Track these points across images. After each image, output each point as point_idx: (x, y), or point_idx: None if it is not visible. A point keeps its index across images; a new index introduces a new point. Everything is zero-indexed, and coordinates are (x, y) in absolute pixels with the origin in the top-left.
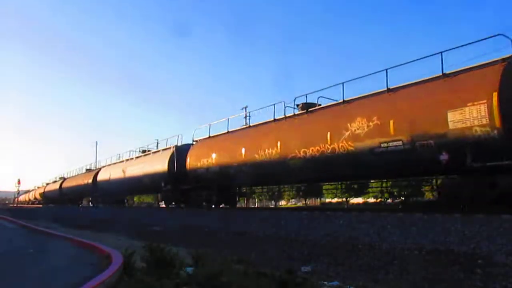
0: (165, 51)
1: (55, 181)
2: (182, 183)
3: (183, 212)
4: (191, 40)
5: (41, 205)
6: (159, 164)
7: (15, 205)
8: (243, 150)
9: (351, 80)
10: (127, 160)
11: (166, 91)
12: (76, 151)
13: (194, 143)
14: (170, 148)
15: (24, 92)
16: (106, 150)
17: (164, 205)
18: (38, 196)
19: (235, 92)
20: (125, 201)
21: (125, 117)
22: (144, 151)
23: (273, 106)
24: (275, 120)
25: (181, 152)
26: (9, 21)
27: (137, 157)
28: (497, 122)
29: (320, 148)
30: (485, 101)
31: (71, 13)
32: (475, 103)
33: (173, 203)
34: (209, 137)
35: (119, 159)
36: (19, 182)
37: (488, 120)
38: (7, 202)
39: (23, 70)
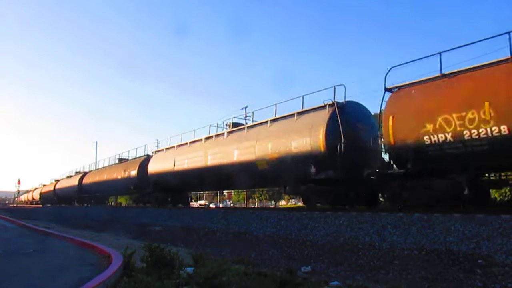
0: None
1: (69, 176)
2: (359, 166)
3: (183, 212)
4: (192, 37)
5: (41, 205)
6: (299, 138)
7: (15, 205)
8: None
9: None
10: (209, 138)
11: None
12: (76, 150)
13: (392, 92)
14: (322, 108)
15: (23, 93)
16: (107, 150)
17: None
18: (42, 196)
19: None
20: (189, 199)
21: (125, 116)
22: (236, 125)
23: None
24: None
25: (350, 113)
26: (9, 22)
27: (230, 132)
28: None
29: None
30: None
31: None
32: None
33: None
34: (442, 75)
35: (179, 141)
36: (19, 182)
37: None
38: (7, 202)
39: (23, 65)
